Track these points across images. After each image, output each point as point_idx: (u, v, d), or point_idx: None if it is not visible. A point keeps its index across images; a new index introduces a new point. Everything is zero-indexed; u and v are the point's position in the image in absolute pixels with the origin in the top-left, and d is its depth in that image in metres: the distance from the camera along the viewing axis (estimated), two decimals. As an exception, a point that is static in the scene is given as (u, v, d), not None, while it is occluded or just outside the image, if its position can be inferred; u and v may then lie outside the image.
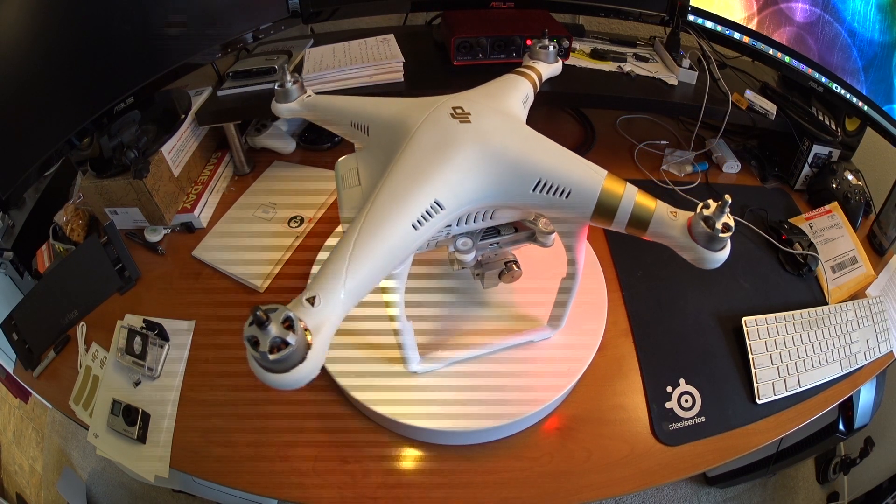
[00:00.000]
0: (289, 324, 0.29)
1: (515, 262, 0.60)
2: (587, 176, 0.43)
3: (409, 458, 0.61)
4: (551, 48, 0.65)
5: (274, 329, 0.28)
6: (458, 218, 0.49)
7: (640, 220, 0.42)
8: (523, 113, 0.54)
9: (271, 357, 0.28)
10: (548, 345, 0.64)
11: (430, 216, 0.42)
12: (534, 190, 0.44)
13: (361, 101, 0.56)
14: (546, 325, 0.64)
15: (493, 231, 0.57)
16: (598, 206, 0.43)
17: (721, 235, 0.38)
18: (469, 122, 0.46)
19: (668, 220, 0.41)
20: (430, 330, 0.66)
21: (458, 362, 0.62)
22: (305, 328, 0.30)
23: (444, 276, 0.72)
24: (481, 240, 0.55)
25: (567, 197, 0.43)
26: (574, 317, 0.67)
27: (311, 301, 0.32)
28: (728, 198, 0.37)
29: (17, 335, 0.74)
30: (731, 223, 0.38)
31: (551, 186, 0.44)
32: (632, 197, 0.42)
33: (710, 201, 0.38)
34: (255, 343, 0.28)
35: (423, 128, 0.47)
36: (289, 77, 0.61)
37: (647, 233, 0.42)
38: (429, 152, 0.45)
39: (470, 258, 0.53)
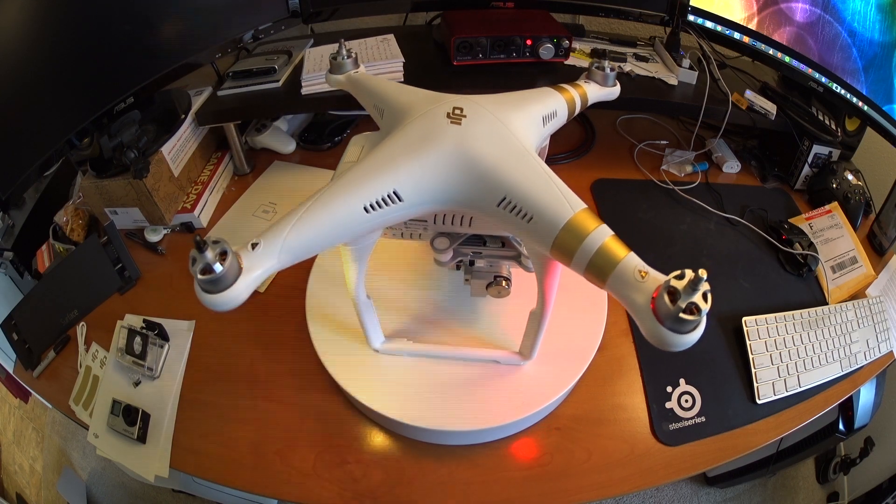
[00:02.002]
0: (224, 257, 0.33)
1: (506, 279, 0.59)
2: (557, 205, 0.41)
3: (410, 457, 0.61)
4: (608, 70, 0.61)
5: (209, 256, 0.32)
6: (431, 216, 0.50)
7: (599, 268, 0.38)
8: (537, 128, 0.52)
9: (199, 277, 0.33)
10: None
11: (386, 204, 0.42)
12: (498, 205, 0.43)
13: (387, 87, 0.56)
14: (518, 352, 0.62)
15: (479, 241, 0.57)
16: (558, 240, 0.40)
17: (683, 316, 0.32)
18: (459, 124, 0.46)
19: (633, 279, 0.36)
20: (411, 319, 0.66)
21: (421, 356, 0.63)
22: (241, 266, 0.35)
23: (444, 276, 0.72)
24: (462, 245, 0.55)
25: (529, 221, 0.41)
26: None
27: (253, 246, 0.36)
28: (703, 273, 0.31)
29: (17, 335, 0.74)
30: (704, 304, 0.31)
31: (515, 206, 0.42)
32: (599, 240, 0.38)
33: (688, 271, 0.32)
34: (194, 262, 0.33)
35: (416, 121, 0.47)
36: (344, 51, 0.62)
37: (606, 285, 0.38)
38: (406, 144, 0.45)
39: (446, 258, 0.53)
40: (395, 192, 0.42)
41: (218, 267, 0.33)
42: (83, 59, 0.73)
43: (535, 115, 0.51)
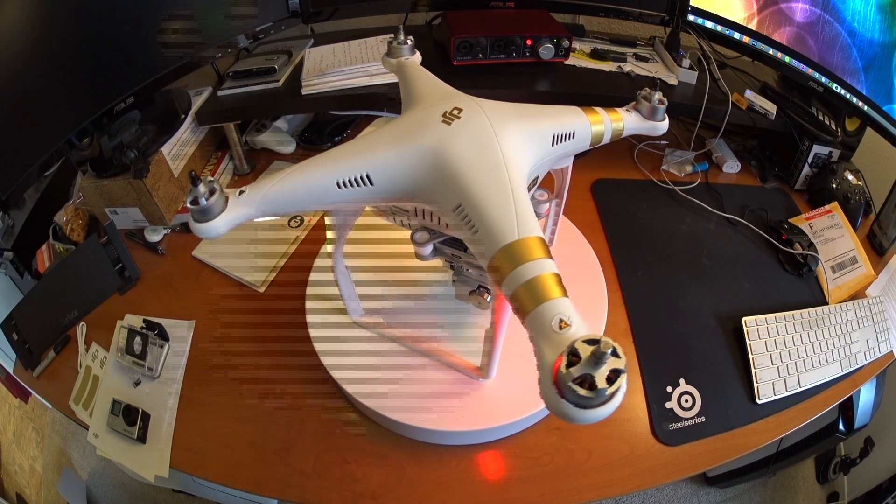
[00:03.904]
0: (212, 194, 0.39)
1: (489, 291, 0.58)
2: (504, 225, 0.39)
3: (409, 458, 0.61)
4: (657, 103, 0.55)
5: (200, 189, 0.38)
6: (412, 208, 0.51)
7: (521, 303, 0.35)
8: (539, 145, 0.49)
9: (189, 205, 0.39)
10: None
11: (357, 184, 0.44)
12: (454, 210, 0.43)
13: (418, 78, 0.56)
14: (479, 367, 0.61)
15: (461, 245, 0.56)
16: (494, 260, 0.38)
17: (573, 387, 0.27)
18: (449, 124, 0.46)
19: (549, 326, 0.32)
20: (399, 309, 0.68)
21: (391, 340, 0.65)
22: (226, 207, 0.40)
23: (440, 283, 0.72)
24: (444, 244, 0.55)
25: (475, 234, 0.41)
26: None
27: (241, 192, 0.41)
28: (607, 346, 0.27)
29: (17, 335, 0.74)
30: (604, 384, 0.27)
31: (466, 215, 0.41)
32: (532, 272, 0.35)
33: (604, 338, 0.27)
34: (189, 193, 0.39)
35: (414, 114, 0.49)
36: (401, 37, 0.62)
37: (525, 324, 0.34)
38: (393, 134, 0.46)
39: (425, 252, 0.53)
40: (367, 176, 0.44)
41: (203, 200, 0.38)
42: (83, 59, 0.73)
43: (541, 131, 0.50)
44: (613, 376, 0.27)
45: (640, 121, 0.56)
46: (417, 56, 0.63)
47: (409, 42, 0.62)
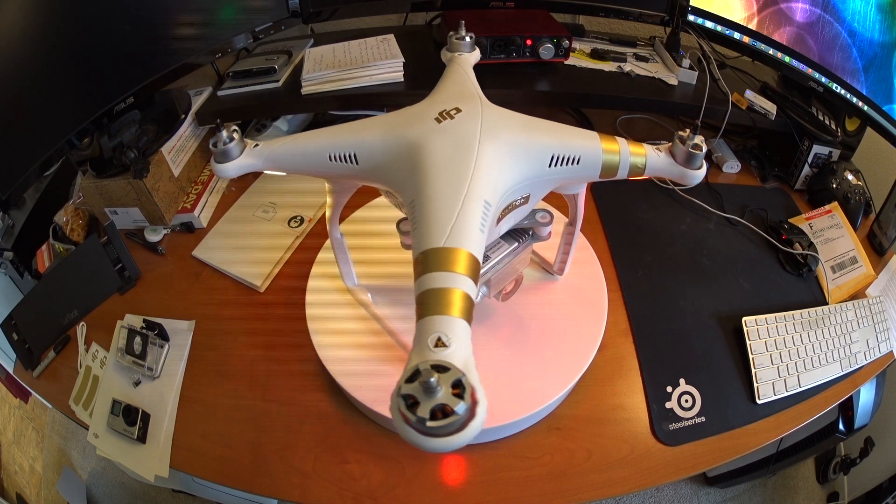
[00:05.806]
0: (230, 138, 0.46)
1: None
2: (437, 230, 0.40)
3: (410, 458, 0.61)
4: (690, 147, 0.47)
5: (224, 135, 0.46)
6: (401, 196, 0.51)
7: (420, 308, 0.35)
8: (533, 162, 0.47)
9: (211, 147, 0.46)
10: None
11: (344, 161, 0.48)
12: (409, 204, 0.44)
13: (451, 74, 0.58)
14: None
15: None
16: (417, 260, 0.39)
17: (398, 402, 0.27)
18: (439, 122, 0.47)
19: (426, 340, 0.32)
20: (395, 289, 0.69)
21: (372, 317, 0.66)
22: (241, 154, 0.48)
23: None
24: None
25: (414, 230, 0.42)
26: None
27: (256, 146, 0.48)
28: (433, 377, 0.25)
29: (17, 335, 0.74)
30: (426, 414, 0.26)
31: (415, 211, 0.42)
32: (439, 283, 0.36)
33: (453, 370, 0.27)
34: (213, 136, 0.46)
35: (417, 107, 0.50)
36: (462, 32, 0.63)
37: (416, 325, 0.35)
38: (389, 121, 0.49)
39: (408, 241, 0.53)
40: (353, 155, 0.48)
41: (221, 143, 0.46)
42: (83, 59, 0.73)
43: (538, 148, 0.47)
44: (449, 410, 0.26)
45: (671, 164, 0.49)
46: (475, 54, 0.63)
47: (468, 38, 0.62)
